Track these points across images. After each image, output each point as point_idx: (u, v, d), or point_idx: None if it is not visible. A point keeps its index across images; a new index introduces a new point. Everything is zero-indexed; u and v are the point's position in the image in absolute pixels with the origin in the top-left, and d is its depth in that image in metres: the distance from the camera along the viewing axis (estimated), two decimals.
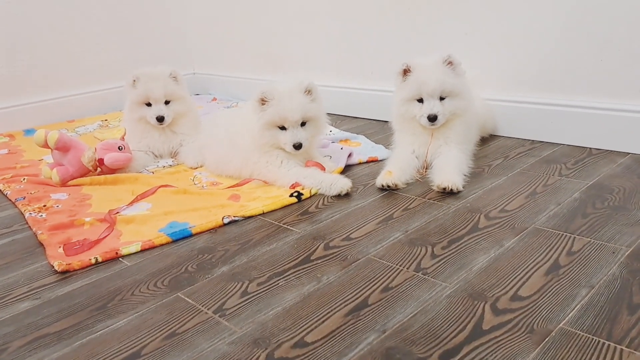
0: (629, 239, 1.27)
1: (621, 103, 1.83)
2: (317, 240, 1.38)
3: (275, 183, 1.75)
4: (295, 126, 1.70)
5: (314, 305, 1.10)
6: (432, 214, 1.49)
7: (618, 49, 1.80)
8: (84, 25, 2.97)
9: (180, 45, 3.45)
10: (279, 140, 1.72)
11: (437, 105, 1.71)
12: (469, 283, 1.14)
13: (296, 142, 1.69)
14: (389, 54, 2.43)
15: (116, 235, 1.47)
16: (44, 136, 1.83)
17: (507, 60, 2.07)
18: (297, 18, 2.78)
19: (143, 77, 2.08)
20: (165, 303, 1.15)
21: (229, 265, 1.29)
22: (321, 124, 1.80)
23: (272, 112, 1.69)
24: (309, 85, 1.72)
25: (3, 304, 1.19)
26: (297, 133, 1.70)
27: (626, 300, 1.04)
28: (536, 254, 1.23)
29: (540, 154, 1.89)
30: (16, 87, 2.76)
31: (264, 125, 1.71)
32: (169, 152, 2.16)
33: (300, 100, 1.70)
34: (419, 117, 1.74)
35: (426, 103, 1.72)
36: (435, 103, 1.71)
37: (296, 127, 1.71)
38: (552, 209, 1.46)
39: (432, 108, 1.71)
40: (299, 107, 1.69)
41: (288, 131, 1.71)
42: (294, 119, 1.69)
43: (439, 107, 1.71)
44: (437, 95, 1.72)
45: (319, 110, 1.76)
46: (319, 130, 1.81)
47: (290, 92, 1.71)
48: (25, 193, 1.80)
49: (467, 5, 2.11)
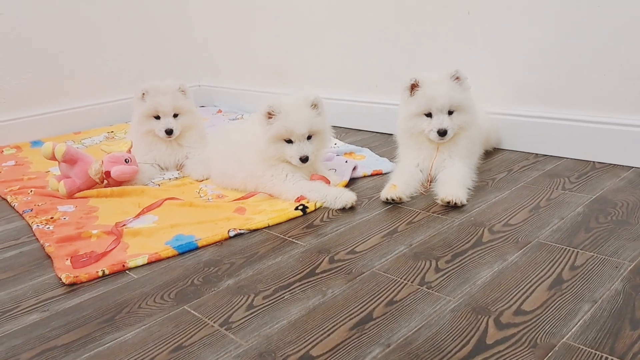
0: (632, 254, 1.27)
1: (623, 117, 1.84)
2: (322, 254, 1.39)
3: (280, 196, 1.77)
4: (301, 139, 1.72)
5: (319, 318, 1.11)
6: (436, 228, 1.50)
7: (620, 63, 1.81)
8: (90, 37, 3.01)
9: (186, 57, 3.48)
10: (285, 153, 1.74)
11: (446, 119, 1.73)
12: (472, 297, 1.15)
13: (303, 156, 1.71)
14: (393, 68, 2.46)
15: (123, 247, 1.49)
16: (52, 149, 1.86)
17: (510, 74, 2.09)
18: (302, 31, 2.80)
19: (152, 90, 2.10)
20: (172, 316, 1.16)
21: (235, 278, 1.30)
22: (326, 137, 1.82)
23: (279, 125, 1.71)
24: (316, 99, 1.75)
25: (12, 316, 1.20)
26: (303, 146, 1.72)
27: (629, 315, 1.05)
28: (539, 269, 1.24)
29: (544, 168, 1.90)
30: (23, 99, 2.79)
31: (270, 139, 1.73)
32: (175, 165, 2.18)
33: (307, 114, 1.72)
34: (428, 131, 1.75)
35: (435, 118, 1.74)
36: (444, 118, 1.73)
37: (302, 141, 1.73)
38: (555, 223, 1.47)
39: (442, 123, 1.73)
40: (305, 120, 1.71)
41: (294, 144, 1.72)
42: (301, 132, 1.71)
43: (448, 121, 1.73)
44: (446, 110, 1.74)
45: (324, 124, 1.78)
46: (325, 144, 1.83)
47: (297, 105, 1.73)
48: (32, 205, 1.82)
49: (471, 20, 2.14)
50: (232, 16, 3.19)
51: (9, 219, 1.78)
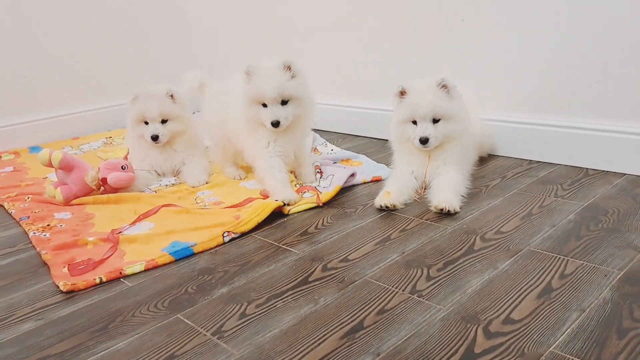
0: (620, 262, 1.29)
1: (616, 124, 1.85)
2: (316, 262, 1.40)
3: (253, 163, 1.88)
4: (274, 104, 1.76)
5: (311, 327, 1.12)
6: (429, 235, 1.51)
7: (612, 72, 1.83)
8: (88, 43, 3.02)
9: (185, 62, 3.48)
10: (260, 116, 1.79)
11: (429, 128, 1.74)
12: (462, 306, 1.16)
13: (274, 120, 1.75)
14: (389, 74, 2.47)
15: (120, 254, 1.50)
16: (48, 156, 1.87)
17: (504, 82, 2.10)
18: (299, 37, 2.82)
19: (142, 95, 2.11)
20: (165, 325, 1.17)
21: (229, 286, 1.32)
22: (305, 105, 1.84)
23: (252, 87, 1.76)
24: (288, 62, 1.78)
25: (7, 325, 1.21)
26: (275, 111, 1.75)
27: (616, 325, 1.06)
28: (529, 277, 1.25)
29: (537, 174, 1.92)
30: (21, 104, 2.80)
31: (246, 101, 1.79)
32: (172, 171, 2.19)
33: (279, 78, 1.76)
34: (412, 138, 1.77)
35: (419, 126, 1.75)
36: (427, 126, 1.74)
37: (275, 105, 1.76)
38: (547, 230, 1.48)
39: (424, 131, 1.74)
40: (276, 84, 1.75)
41: (268, 108, 1.76)
42: (271, 96, 1.75)
43: (430, 130, 1.74)
44: (430, 118, 1.74)
45: (299, 89, 1.81)
46: (303, 112, 1.86)
47: (270, 69, 1.78)
48: (29, 212, 1.83)
49: (465, 28, 2.15)
50: (230, 22, 3.21)
51: (5, 225, 1.79)
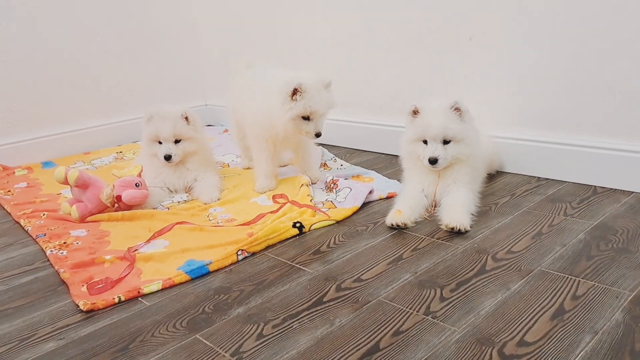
0: (632, 283, 1.31)
1: (623, 143, 1.88)
2: (329, 282, 1.43)
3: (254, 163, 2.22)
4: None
5: (328, 349, 1.14)
6: (441, 255, 1.53)
7: (619, 91, 1.85)
8: (99, 59, 3.07)
9: (193, 78, 3.54)
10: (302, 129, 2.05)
11: (438, 149, 1.77)
12: (476, 327, 1.18)
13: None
14: (397, 91, 2.50)
15: (137, 273, 1.52)
16: (65, 174, 1.90)
17: (512, 99, 2.13)
18: (308, 52, 2.85)
19: (156, 115, 2.15)
20: (185, 345, 1.20)
21: (245, 306, 1.34)
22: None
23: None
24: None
25: (30, 344, 1.24)
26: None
27: (629, 347, 1.08)
28: (542, 298, 1.27)
29: (546, 192, 1.94)
30: (33, 120, 2.85)
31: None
32: (184, 188, 2.22)
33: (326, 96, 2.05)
34: (422, 158, 1.80)
35: (429, 146, 1.78)
36: (437, 147, 1.77)
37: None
38: (557, 250, 1.51)
39: (434, 152, 1.76)
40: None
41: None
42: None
43: (440, 151, 1.76)
44: (440, 139, 1.77)
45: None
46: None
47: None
48: (45, 229, 1.86)
49: (474, 47, 2.18)
50: (239, 38, 3.25)
51: (23, 242, 1.82)
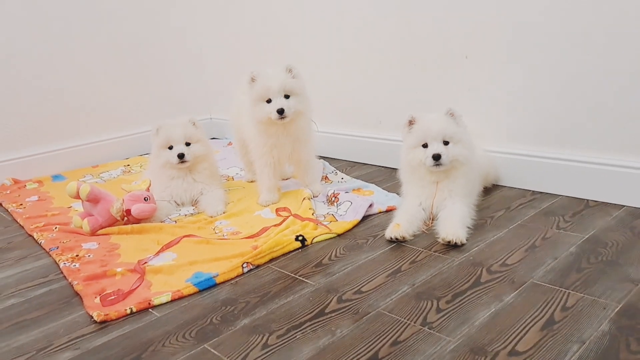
0: (619, 295, 1.37)
1: (614, 158, 1.95)
2: (331, 294, 1.49)
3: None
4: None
5: (330, 358, 1.21)
6: (437, 267, 1.60)
7: (611, 109, 1.92)
8: (106, 75, 3.16)
9: (198, 91, 3.63)
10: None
11: (440, 146, 1.85)
12: (470, 338, 1.25)
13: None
14: (396, 105, 2.58)
15: (147, 285, 1.59)
16: (76, 189, 1.97)
17: (507, 115, 2.21)
18: (310, 68, 2.93)
19: (165, 125, 2.27)
20: (194, 354, 1.26)
21: (250, 317, 1.41)
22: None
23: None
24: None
25: (47, 354, 1.30)
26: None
27: (614, 356, 1.14)
28: (533, 309, 1.34)
29: (540, 206, 2.01)
30: (44, 134, 2.93)
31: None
32: (190, 201, 2.30)
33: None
34: (424, 159, 1.86)
35: (430, 146, 1.86)
36: (439, 145, 1.85)
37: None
38: (549, 263, 1.57)
39: (437, 149, 1.84)
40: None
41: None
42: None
43: (442, 148, 1.85)
44: (441, 139, 1.85)
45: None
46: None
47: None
48: (58, 242, 1.93)
49: (471, 64, 2.26)
50: (242, 52, 3.33)
51: (37, 256, 1.89)
